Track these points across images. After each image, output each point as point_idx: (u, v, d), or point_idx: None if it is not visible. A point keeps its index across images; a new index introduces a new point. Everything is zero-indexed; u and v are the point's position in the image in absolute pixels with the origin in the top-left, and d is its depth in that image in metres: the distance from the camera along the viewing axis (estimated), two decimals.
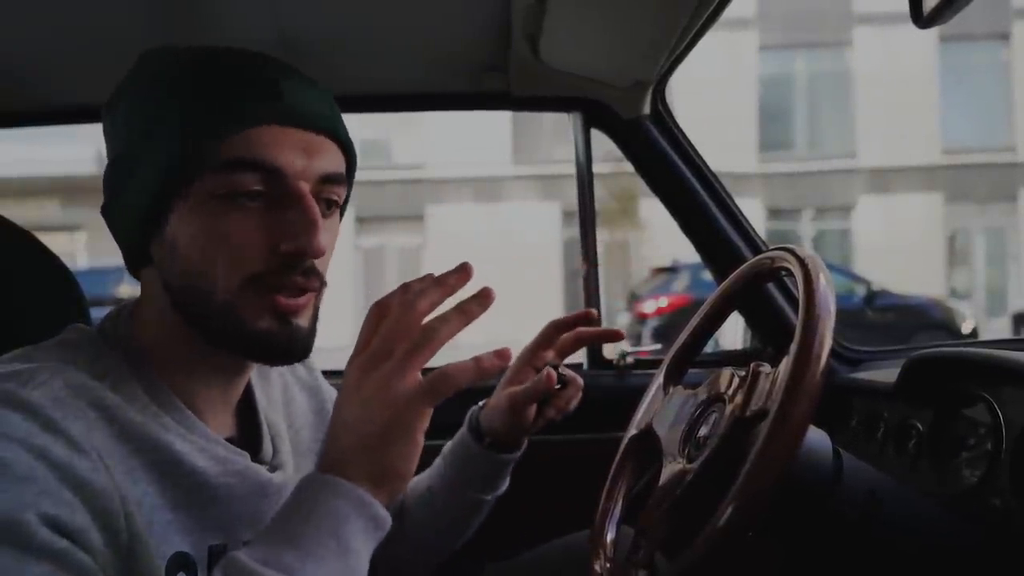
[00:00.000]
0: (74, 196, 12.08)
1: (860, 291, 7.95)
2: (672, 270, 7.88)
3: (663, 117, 1.21)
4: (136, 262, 0.64)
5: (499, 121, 12.05)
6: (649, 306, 7.61)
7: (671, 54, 1.09)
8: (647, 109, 1.20)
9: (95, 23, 0.98)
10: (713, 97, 12.13)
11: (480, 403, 0.92)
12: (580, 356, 1.32)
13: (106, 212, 0.63)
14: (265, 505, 0.64)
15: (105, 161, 0.63)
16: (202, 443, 0.61)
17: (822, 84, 13.17)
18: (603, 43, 1.10)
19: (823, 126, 13.29)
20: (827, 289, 0.63)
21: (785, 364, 0.60)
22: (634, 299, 8.20)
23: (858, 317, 7.44)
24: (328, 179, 0.61)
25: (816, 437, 0.73)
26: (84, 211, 12.29)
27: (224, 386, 0.66)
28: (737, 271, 0.83)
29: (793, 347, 0.59)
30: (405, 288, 0.54)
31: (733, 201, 1.22)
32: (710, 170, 1.20)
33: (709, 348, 1.41)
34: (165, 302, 0.60)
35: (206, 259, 0.57)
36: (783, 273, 0.74)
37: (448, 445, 0.92)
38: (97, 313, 0.89)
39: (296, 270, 0.59)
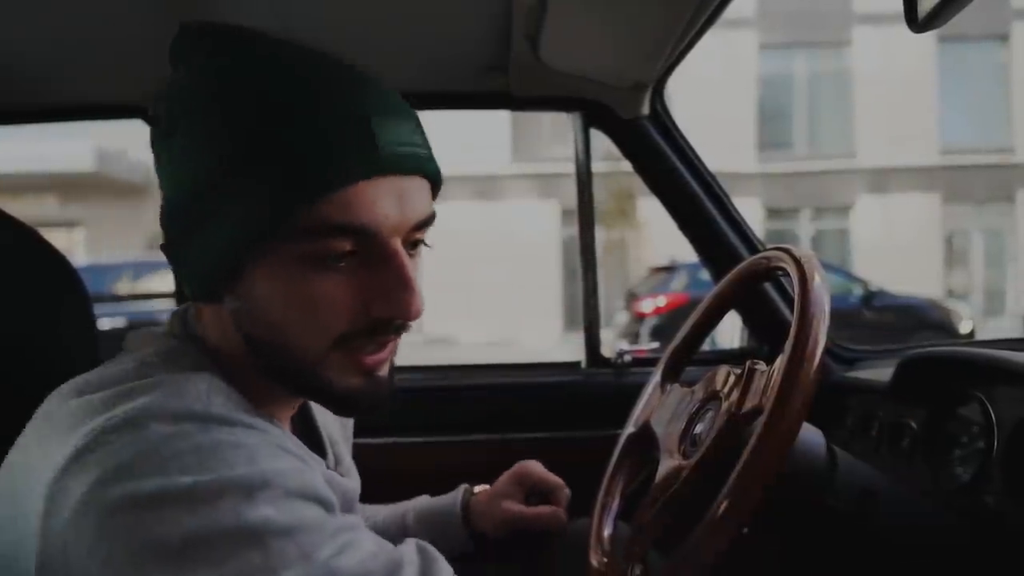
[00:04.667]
0: (72, 192, 12.09)
1: (858, 291, 7.96)
2: (670, 269, 7.89)
3: (661, 117, 1.22)
4: (201, 300, 0.58)
5: (498, 120, 12.05)
6: (647, 305, 7.62)
7: (670, 55, 1.10)
8: (646, 110, 1.21)
9: (94, 20, 0.98)
10: (713, 96, 12.14)
11: (474, 489, 0.94)
12: (578, 354, 1.33)
13: (169, 252, 0.57)
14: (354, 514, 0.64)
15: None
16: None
17: (821, 84, 13.19)
18: (603, 44, 1.11)
19: (822, 126, 13.31)
20: (822, 289, 0.64)
21: (780, 362, 0.61)
22: (632, 298, 8.21)
23: (856, 317, 7.44)
24: (420, 226, 0.57)
25: (810, 435, 0.74)
26: (82, 207, 12.32)
27: (290, 398, 0.63)
28: (734, 270, 0.84)
29: (788, 346, 0.60)
30: None
31: (730, 201, 1.23)
32: (708, 170, 1.21)
33: (707, 347, 1.42)
34: (237, 338, 0.56)
35: (290, 319, 0.53)
36: (779, 273, 0.74)
37: (422, 510, 0.93)
38: (97, 310, 0.90)
39: (386, 332, 0.56)
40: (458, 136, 11.87)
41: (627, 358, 1.29)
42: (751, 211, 12.48)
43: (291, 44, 0.56)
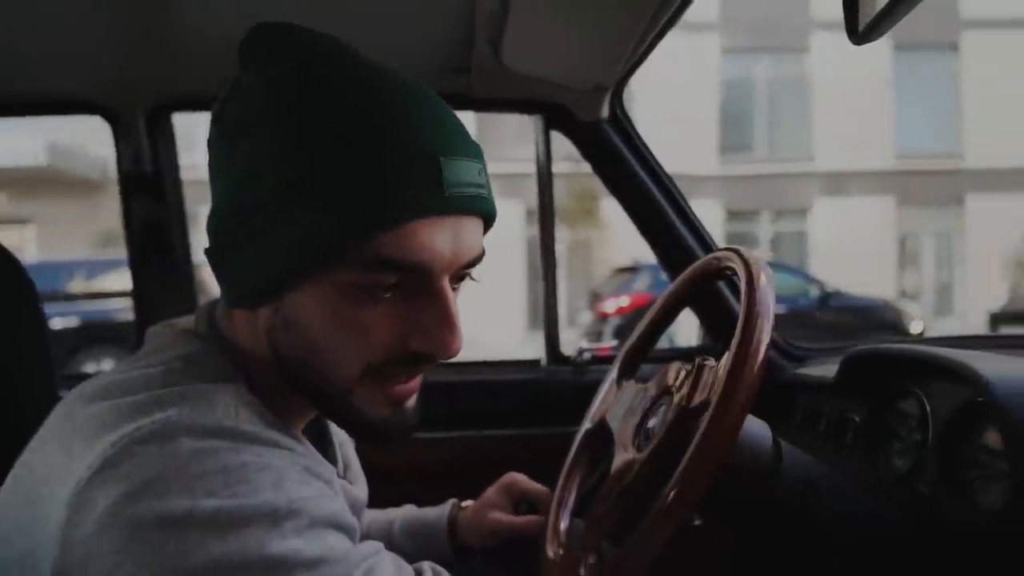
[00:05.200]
0: (23, 189, 11.71)
1: (814, 292, 8.17)
2: (633, 270, 7.98)
3: (621, 121, 1.25)
4: (239, 307, 0.57)
5: (463, 120, 12.02)
6: (610, 305, 7.70)
7: (629, 58, 1.13)
8: (605, 113, 1.24)
9: (50, 13, 0.96)
10: (676, 99, 12.31)
11: (462, 504, 0.95)
12: (539, 352, 1.35)
13: (215, 256, 0.55)
14: (361, 523, 0.64)
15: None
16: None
17: (781, 88, 13.46)
18: (564, 48, 1.13)
19: (782, 130, 13.58)
20: (767, 288, 0.67)
21: (726, 359, 0.63)
22: (595, 298, 8.28)
23: (812, 317, 7.64)
24: (470, 264, 0.56)
25: (757, 428, 0.77)
26: (34, 204, 11.95)
27: (310, 409, 0.63)
28: (687, 271, 0.87)
29: (733, 343, 0.63)
30: None
31: (687, 203, 1.26)
32: (665, 173, 1.25)
33: (666, 345, 1.45)
34: (267, 350, 0.56)
35: (327, 345, 0.52)
36: (729, 272, 0.77)
37: (408, 521, 0.94)
38: (49, 310, 0.88)
39: (419, 364, 0.56)
40: None
41: (586, 356, 1.31)
42: (712, 213, 12.69)
43: (371, 61, 0.55)
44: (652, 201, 1.23)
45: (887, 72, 13.01)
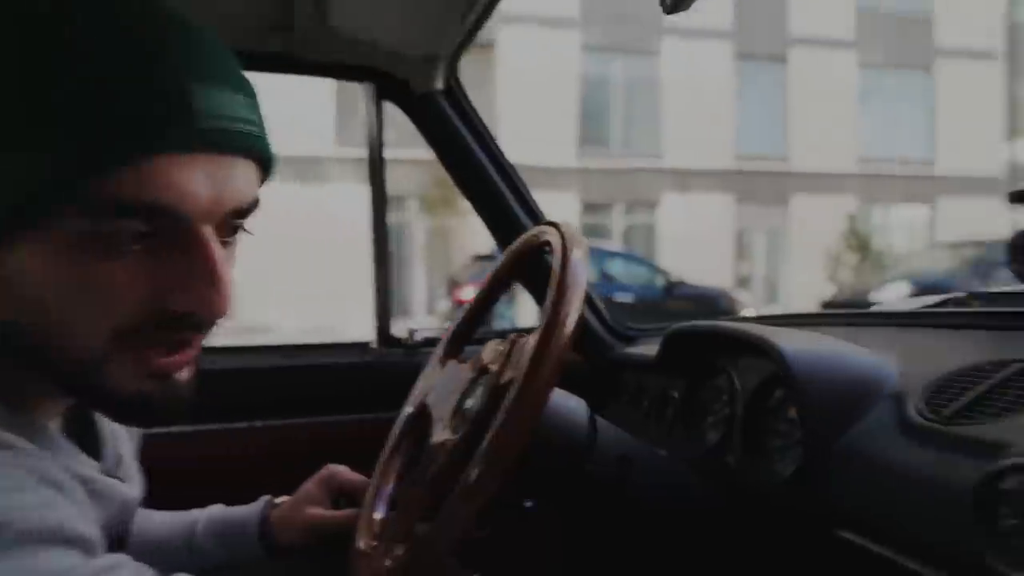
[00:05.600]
0: None
1: (661, 282, 8.67)
2: (491, 257, 8.04)
3: (455, 93, 1.21)
4: None
5: (323, 101, 11.61)
6: (468, 292, 7.71)
7: (464, 27, 1.09)
8: (440, 84, 1.19)
9: None
10: (537, 92, 12.55)
11: (276, 500, 0.88)
12: (368, 334, 1.29)
13: None
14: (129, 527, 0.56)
15: None
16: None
17: (636, 87, 14.09)
18: (394, 11, 1.07)
19: (635, 127, 14.23)
20: (580, 262, 0.65)
21: (535, 333, 0.61)
22: (453, 285, 8.28)
23: (658, 305, 8.09)
24: (240, 212, 0.48)
25: (573, 405, 0.76)
26: None
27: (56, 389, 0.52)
28: (510, 247, 0.85)
29: (542, 316, 0.61)
30: None
31: (519, 178, 1.24)
32: (499, 148, 1.22)
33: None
34: None
35: (61, 308, 0.44)
36: (547, 248, 0.75)
37: (214, 521, 0.86)
38: None
39: (181, 328, 0.48)
40: (280, 114, 11.31)
41: (418, 338, 1.27)
42: (570, 205, 13.09)
43: None
44: (486, 176, 1.20)
45: (729, 78, 13.98)
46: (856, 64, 14.53)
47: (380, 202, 1.26)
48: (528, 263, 0.84)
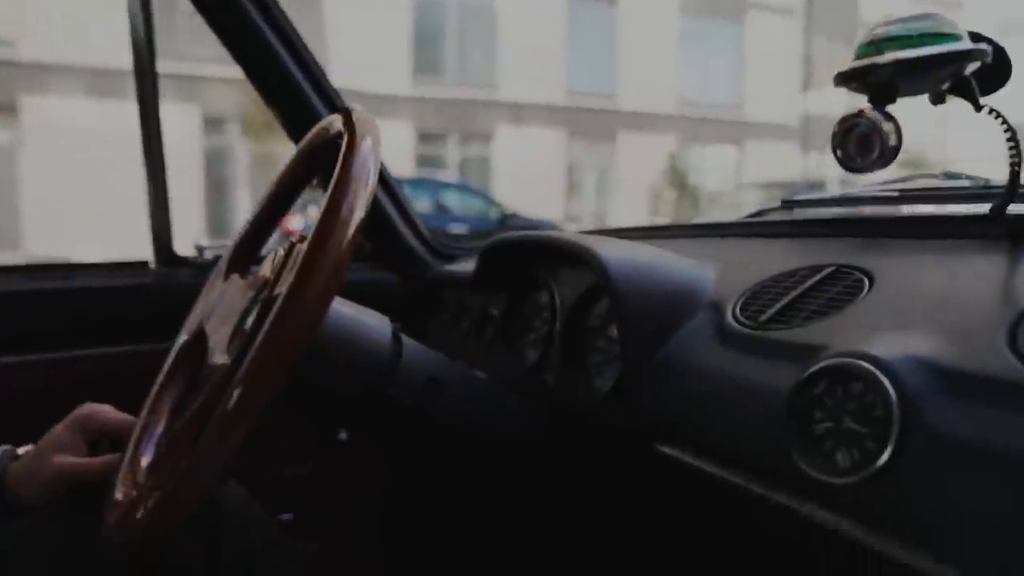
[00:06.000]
0: None
1: (495, 214, 8.74)
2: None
3: None
4: None
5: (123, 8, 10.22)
6: (296, 222, 7.29)
7: None
8: None
9: None
10: (370, 16, 11.89)
11: (15, 451, 0.73)
12: (145, 252, 1.10)
13: None
14: None
15: None
16: None
17: (471, 14, 13.76)
18: None
19: (471, 56, 13.97)
20: (369, 154, 0.55)
21: (311, 233, 0.51)
22: None
23: (489, 238, 8.17)
24: None
25: (375, 323, 0.67)
26: None
27: None
28: (301, 143, 0.72)
29: (319, 213, 0.50)
30: None
31: (317, 64, 1.07)
32: (291, 26, 1.04)
33: None
34: None
35: None
36: (340, 140, 0.64)
37: None
38: None
39: None
40: (70, 17, 9.80)
41: (209, 255, 1.10)
42: (404, 134, 12.71)
43: None
44: (276, 60, 1.03)
45: (564, 16, 14.07)
46: (678, 10, 15.17)
47: (150, 104, 1.06)
48: (323, 159, 0.71)
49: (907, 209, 0.80)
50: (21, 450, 0.73)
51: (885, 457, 0.42)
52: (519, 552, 0.94)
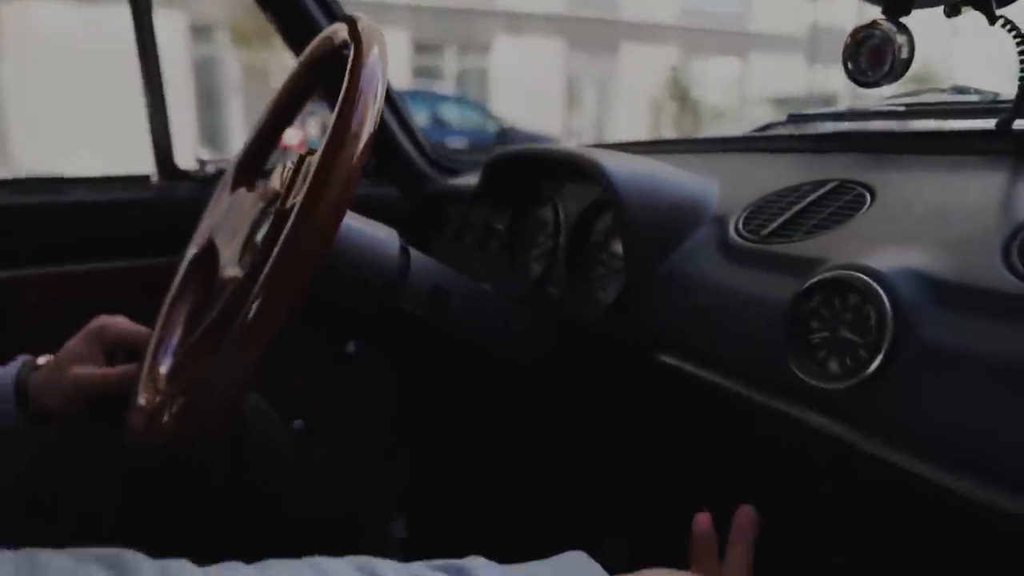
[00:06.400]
0: None
1: (493, 128, 8.57)
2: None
3: None
4: None
5: None
6: (293, 136, 7.17)
7: None
8: None
9: None
10: None
11: (38, 361, 0.74)
12: (147, 166, 1.10)
13: None
14: None
15: None
16: None
17: None
18: None
19: None
20: (377, 65, 0.54)
21: (321, 146, 0.51)
22: None
23: (490, 151, 8.04)
24: None
25: (383, 236, 0.68)
26: None
27: None
28: (303, 54, 0.71)
29: (330, 125, 0.50)
30: None
31: None
32: None
33: None
34: None
35: None
36: (345, 51, 0.63)
37: None
38: None
39: None
40: None
41: (211, 169, 1.10)
42: (400, 44, 12.30)
43: None
44: None
45: None
46: None
47: (144, 8, 1.03)
48: (327, 70, 0.70)
49: (913, 124, 0.79)
50: (41, 360, 0.75)
51: (876, 364, 0.44)
52: (524, 460, 0.98)
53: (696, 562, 0.52)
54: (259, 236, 0.65)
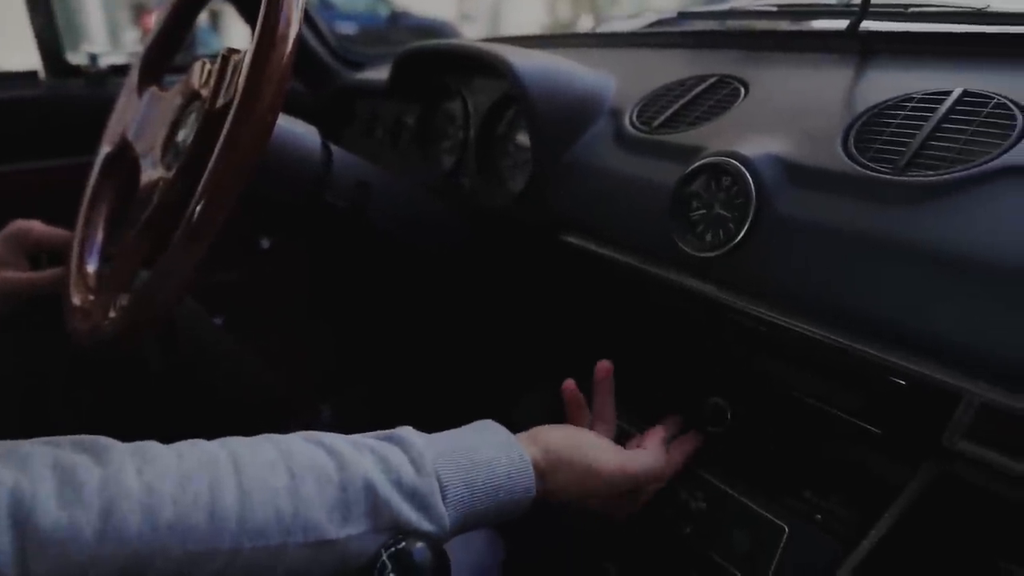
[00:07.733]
0: None
1: (384, 11, 8.13)
2: None
3: None
4: None
5: None
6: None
7: None
8: None
9: None
10: None
11: None
12: (33, 61, 1.04)
13: None
14: None
15: None
16: None
17: None
18: None
19: None
20: None
21: (250, 47, 0.53)
22: (140, 11, 6.95)
23: (383, 36, 7.66)
24: None
25: (304, 132, 0.71)
26: None
27: None
28: None
29: (256, 28, 0.52)
30: None
31: None
32: None
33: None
34: None
35: None
36: None
37: None
38: None
39: None
40: None
41: (103, 65, 1.05)
42: None
43: None
44: None
45: None
46: None
47: None
48: None
49: (783, 25, 0.87)
50: None
51: (741, 235, 0.54)
52: (442, 338, 1.06)
53: (570, 418, 0.62)
54: (180, 136, 0.67)
